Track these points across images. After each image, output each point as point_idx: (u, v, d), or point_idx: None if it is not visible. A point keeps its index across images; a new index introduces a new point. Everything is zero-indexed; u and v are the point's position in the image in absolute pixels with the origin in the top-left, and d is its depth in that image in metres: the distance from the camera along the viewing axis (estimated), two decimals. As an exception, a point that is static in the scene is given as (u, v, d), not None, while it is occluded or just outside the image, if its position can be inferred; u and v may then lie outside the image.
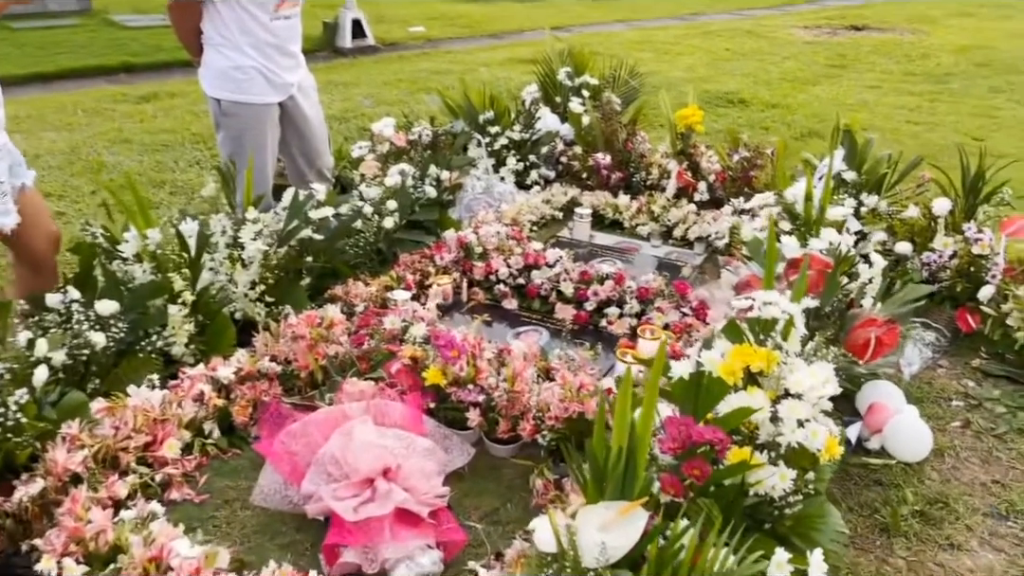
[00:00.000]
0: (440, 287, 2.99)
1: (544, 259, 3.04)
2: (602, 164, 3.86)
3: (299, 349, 2.34)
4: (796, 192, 2.81)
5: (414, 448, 1.94)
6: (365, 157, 3.80)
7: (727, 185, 3.72)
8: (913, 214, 3.10)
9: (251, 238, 2.58)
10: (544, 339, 2.80)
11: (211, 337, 2.49)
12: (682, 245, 3.60)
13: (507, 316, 2.98)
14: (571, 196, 3.89)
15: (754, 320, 1.88)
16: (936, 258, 2.94)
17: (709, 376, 1.66)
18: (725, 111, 6.29)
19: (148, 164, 4.73)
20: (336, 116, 5.69)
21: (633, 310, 2.84)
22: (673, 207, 3.68)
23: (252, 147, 2.90)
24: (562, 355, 2.45)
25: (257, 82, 2.89)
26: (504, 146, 3.98)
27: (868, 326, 2.27)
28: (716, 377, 1.65)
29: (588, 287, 2.91)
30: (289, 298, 2.68)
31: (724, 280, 3.09)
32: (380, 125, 3.82)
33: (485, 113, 4.05)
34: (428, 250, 3.17)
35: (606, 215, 3.78)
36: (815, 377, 1.75)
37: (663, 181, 3.84)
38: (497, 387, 2.16)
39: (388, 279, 2.97)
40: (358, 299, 2.77)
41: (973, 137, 5.60)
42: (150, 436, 2.08)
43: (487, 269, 3.07)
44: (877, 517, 2.07)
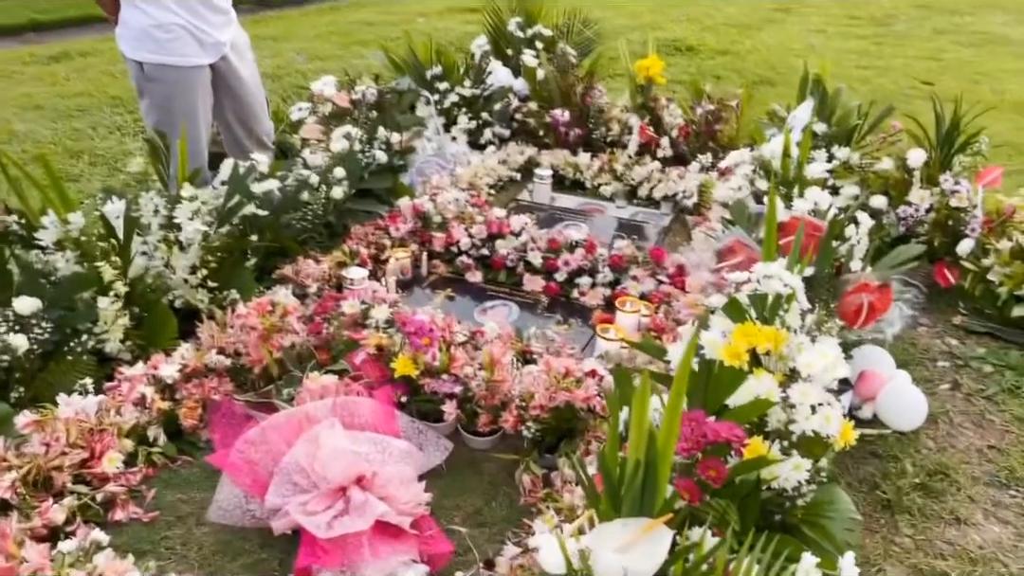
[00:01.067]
0: (398, 261, 2.79)
1: (508, 227, 2.85)
2: (560, 121, 3.66)
3: (251, 342, 2.12)
4: (773, 148, 2.66)
5: (389, 452, 1.76)
6: (306, 120, 3.51)
7: (691, 140, 3.56)
8: (887, 166, 2.99)
9: (188, 218, 2.32)
10: (514, 314, 2.63)
11: (150, 330, 2.25)
12: (648, 205, 3.44)
13: (472, 290, 2.79)
14: (528, 156, 3.69)
15: (757, 296, 1.74)
16: (913, 212, 2.84)
17: (720, 365, 1.51)
18: (674, 60, 6.11)
19: (63, 132, 4.33)
20: (268, 74, 5.33)
21: (606, 279, 2.68)
22: (636, 165, 3.51)
23: (182, 115, 2.61)
24: (538, 334, 2.29)
25: (184, 41, 2.59)
26: (455, 104, 3.74)
27: (860, 291, 2.15)
28: (728, 366, 1.50)
29: (557, 256, 2.74)
30: (235, 282, 2.43)
31: (697, 242, 2.96)
32: (320, 84, 3.53)
33: (432, 68, 3.79)
34: (382, 221, 2.95)
35: (566, 175, 3.60)
36: (825, 357, 1.61)
37: (624, 137, 3.67)
38: (474, 376, 1.98)
39: (341, 254, 2.74)
40: (310, 279, 2.54)
41: (923, 81, 5.56)
42: (87, 450, 1.84)
43: (447, 240, 2.87)
44: (879, 493, 1.98)
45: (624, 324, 2.40)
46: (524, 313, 2.64)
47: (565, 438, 1.96)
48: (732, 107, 3.51)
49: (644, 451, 1.20)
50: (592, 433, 1.91)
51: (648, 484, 1.21)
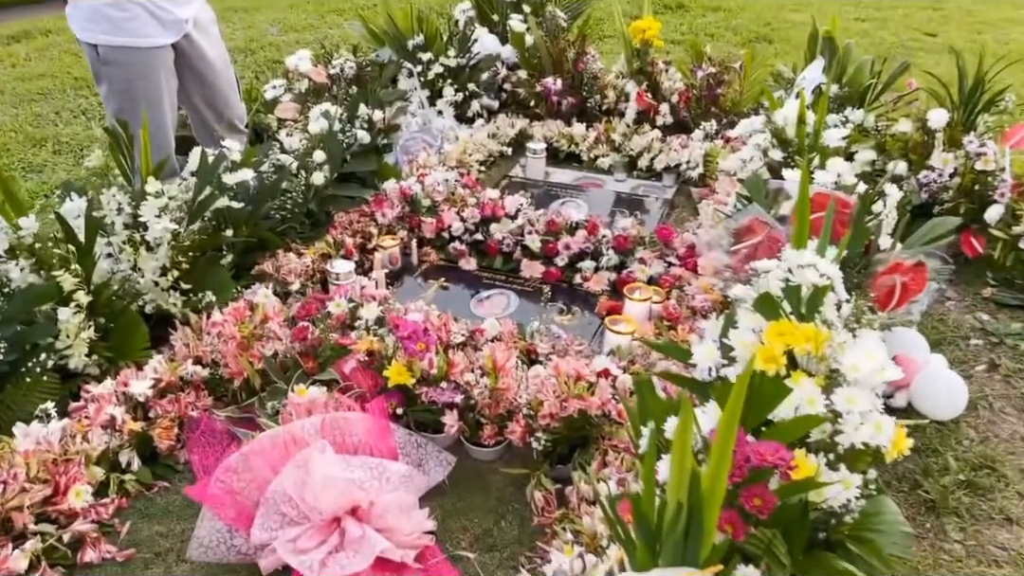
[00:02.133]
0: (386, 250, 2.59)
1: (503, 209, 2.65)
2: (552, 89, 3.44)
3: (228, 352, 1.93)
4: (787, 114, 2.46)
5: (387, 477, 1.58)
6: (281, 98, 3.29)
7: (692, 106, 3.35)
8: (905, 129, 2.79)
9: (155, 216, 2.11)
10: (512, 304, 2.44)
11: (118, 341, 2.05)
12: (649, 177, 3.24)
13: (466, 278, 2.60)
14: (520, 128, 3.47)
15: (791, 289, 1.55)
16: (936, 177, 2.65)
17: (761, 376, 1.33)
18: (664, 18, 5.84)
19: (25, 118, 4.08)
20: (240, 48, 5.07)
21: (611, 262, 2.49)
22: (635, 134, 3.31)
23: (145, 101, 2.38)
24: (542, 330, 2.10)
25: (142, 20, 2.35)
26: (439, 75, 3.51)
27: (893, 272, 1.97)
28: (772, 377, 1.32)
29: (557, 239, 2.55)
30: (210, 282, 2.24)
31: (705, 217, 2.77)
32: (294, 59, 3.30)
33: (414, 38, 3.55)
34: (367, 206, 2.74)
35: (561, 148, 3.39)
36: (872, 358, 1.44)
37: (621, 105, 3.45)
38: (476, 383, 1.79)
39: (324, 246, 2.54)
40: (292, 275, 2.34)
41: (925, 32, 5.35)
42: (50, 484, 1.66)
43: (438, 225, 2.67)
44: (921, 493, 1.82)
45: (633, 313, 2.22)
46: (523, 301, 2.46)
47: (578, 447, 1.78)
48: (735, 69, 3.30)
49: (687, 492, 1.03)
50: (608, 442, 1.74)
51: (693, 529, 1.04)
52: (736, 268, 2.16)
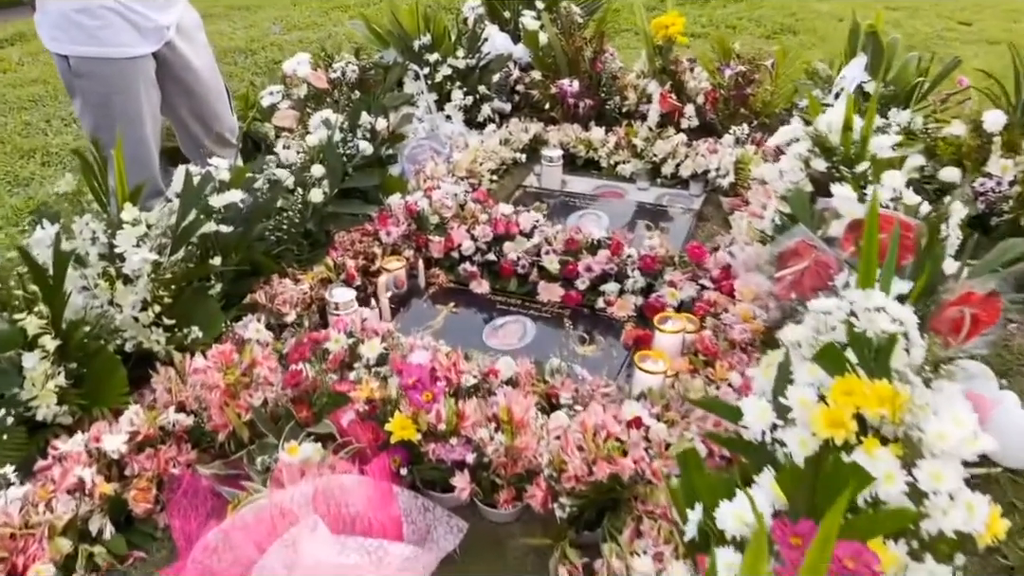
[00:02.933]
0: (390, 273, 2.37)
1: (517, 226, 2.43)
2: (569, 92, 3.20)
3: (212, 403, 1.72)
4: (831, 120, 2.22)
5: (387, 562, 1.36)
6: (279, 105, 3.08)
7: (719, 107, 3.11)
8: (958, 131, 2.55)
9: (133, 245, 1.90)
10: (529, 333, 2.22)
11: (93, 385, 1.84)
12: (674, 184, 3.01)
13: (478, 302, 2.38)
14: (534, 133, 3.24)
15: (858, 338, 1.33)
16: (994, 185, 2.42)
17: (836, 459, 1.10)
18: (684, 9, 5.60)
19: (14, 127, 3.90)
20: (241, 48, 4.86)
21: (637, 285, 2.27)
22: (658, 138, 3.07)
23: (123, 117, 2.17)
24: (563, 369, 1.88)
25: (117, 28, 2.14)
26: (447, 77, 3.29)
27: (963, 303, 1.74)
28: (851, 462, 1.09)
29: (577, 259, 2.32)
30: (197, 315, 2.03)
31: (737, 231, 2.54)
32: (292, 63, 3.09)
33: (420, 38, 3.33)
34: (370, 224, 2.53)
35: (578, 154, 3.16)
36: (961, 424, 1.21)
37: (643, 107, 3.22)
38: (490, 440, 1.58)
39: (324, 269, 2.33)
40: (287, 305, 2.13)
41: (959, 21, 5.07)
42: (5, 565, 1.46)
43: (447, 244, 2.45)
44: (998, 559, 1.59)
45: (664, 346, 2.00)
46: (541, 329, 2.24)
47: (608, 510, 1.56)
48: (766, 67, 3.06)
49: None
50: (642, 506, 1.52)
51: None
52: (780, 295, 1.94)
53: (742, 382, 1.83)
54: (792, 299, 1.90)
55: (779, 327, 1.96)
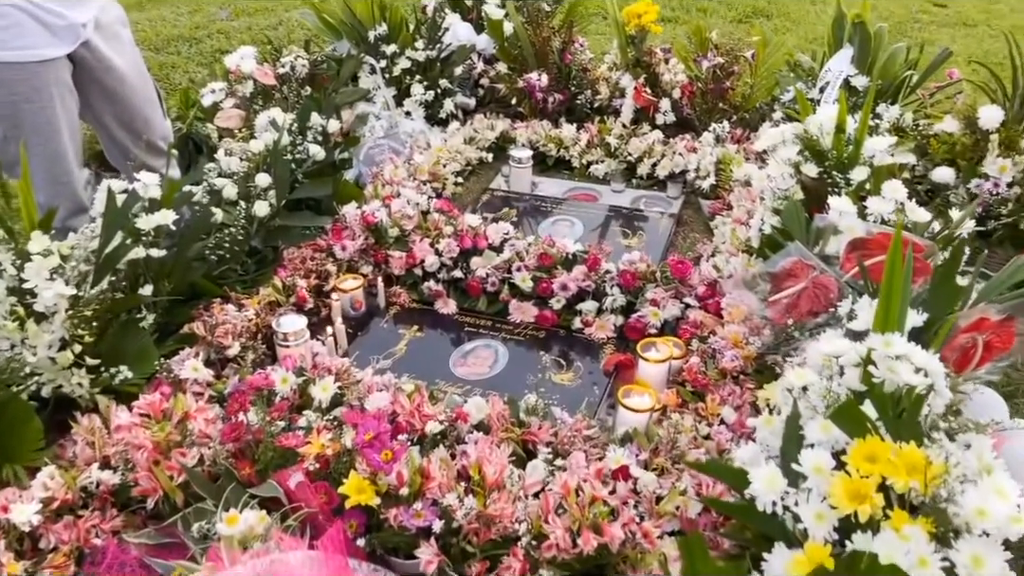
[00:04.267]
0: (347, 294, 2.16)
1: (486, 239, 2.23)
2: (537, 86, 2.99)
3: (140, 464, 1.50)
4: (822, 121, 2.05)
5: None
6: (222, 104, 2.82)
7: (696, 101, 2.93)
8: (951, 128, 2.39)
9: (46, 279, 1.67)
10: (501, 359, 2.03)
11: (2, 440, 1.62)
12: (650, 185, 2.82)
13: (444, 323, 2.18)
14: (501, 130, 3.03)
15: (880, 394, 1.15)
16: (991, 187, 2.27)
17: (871, 559, 0.93)
18: (651, -7, 5.41)
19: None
20: (184, 37, 4.56)
21: (616, 303, 2.08)
22: (632, 136, 2.88)
23: (34, 129, 1.92)
24: (539, 408, 1.69)
25: (24, 28, 1.88)
26: (406, 70, 3.06)
27: (975, 329, 1.58)
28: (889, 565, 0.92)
29: (551, 276, 2.13)
30: (126, 352, 1.81)
31: (719, 236, 2.37)
32: (236, 58, 2.83)
33: (376, 28, 3.09)
34: (323, 239, 2.31)
35: (549, 152, 2.96)
36: (1005, 497, 1.05)
37: (616, 101, 3.03)
38: (460, 505, 1.38)
39: (271, 291, 2.11)
40: (229, 336, 1.91)
41: (935, 3, 4.94)
42: None
43: (409, 260, 2.25)
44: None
45: (649, 376, 1.82)
46: (514, 355, 2.05)
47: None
48: (745, 58, 2.88)
49: None
50: (633, 574, 1.34)
51: None
52: (775, 320, 1.77)
53: (736, 419, 1.66)
54: (788, 324, 1.73)
55: (774, 353, 1.81)
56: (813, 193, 2.01)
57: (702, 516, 1.42)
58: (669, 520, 1.43)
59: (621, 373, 1.96)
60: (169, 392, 1.73)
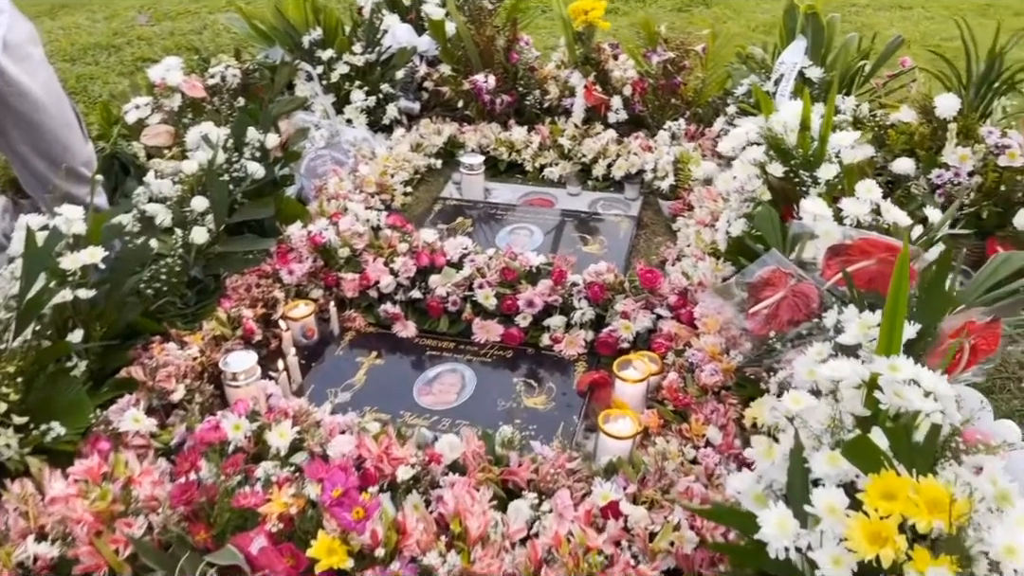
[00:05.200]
0: (297, 322, 2.02)
1: (444, 256, 2.11)
2: (484, 88, 2.88)
3: (79, 539, 1.35)
4: (786, 118, 1.98)
5: None
6: (148, 120, 2.64)
7: (647, 98, 2.85)
8: (908, 117, 2.36)
9: (-41, 332, 1.50)
10: (469, 385, 1.91)
11: (-80, 517, 1.45)
12: (607, 187, 2.74)
13: (404, 347, 2.06)
14: (448, 135, 2.91)
15: (892, 428, 1.08)
16: (952, 177, 2.24)
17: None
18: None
19: None
20: (101, 45, 4.31)
21: (586, 317, 1.99)
22: (585, 136, 2.79)
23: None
24: (515, 439, 1.59)
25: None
26: (345, 76, 2.91)
27: (962, 333, 1.53)
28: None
29: (515, 291, 2.03)
30: (56, 406, 1.64)
31: (683, 238, 2.30)
32: (161, 69, 2.64)
33: (310, 32, 2.93)
34: (268, 263, 2.16)
35: (500, 157, 2.85)
36: (1035, 531, 0.99)
37: (566, 101, 2.93)
38: (442, 562, 1.27)
39: (216, 324, 1.96)
40: (172, 379, 1.76)
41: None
42: None
43: (362, 282, 2.12)
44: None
45: (628, 396, 1.73)
46: (481, 374, 1.94)
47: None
48: (696, 52, 2.81)
49: None
50: (632, 622, 1.25)
51: None
52: (755, 332, 1.69)
53: (723, 441, 1.58)
54: (769, 335, 1.66)
55: (755, 365, 1.74)
56: (781, 193, 1.95)
57: (698, 551, 1.35)
58: (664, 557, 1.35)
59: (596, 392, 1.87)
60: (108, 448, 1.58)
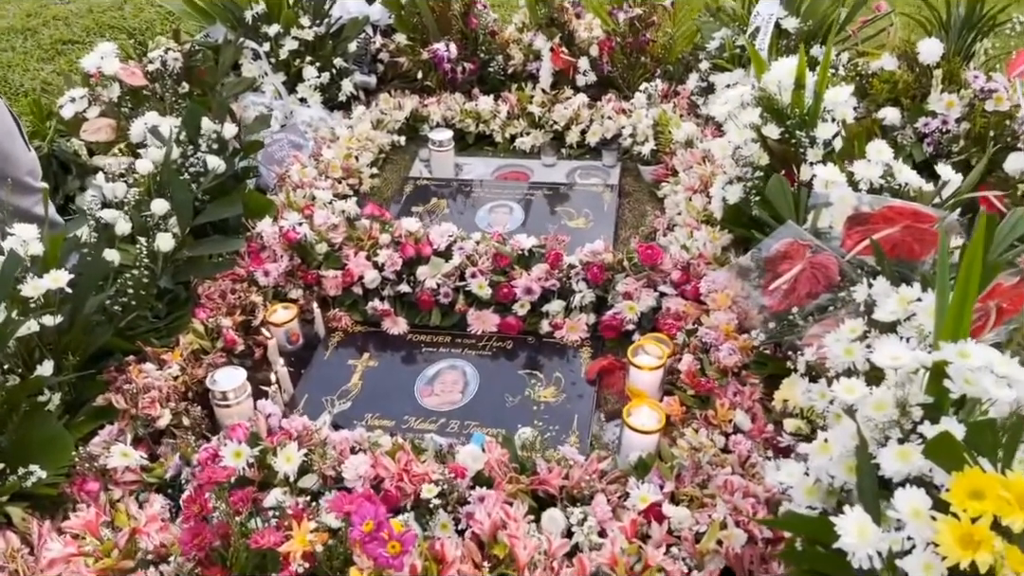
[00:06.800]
0: (280, 327, 1.89)
1: (430, 245, 1.99)
2: (444, 56, 2.72)
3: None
4: (780, 77, 1.90)
5: None
6: (85, 114, 2.42)
7: (616, 57, 2.74)
8: (890, 66, 2.31)
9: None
10: (472, 382, 1.82)
11: None
12: (582, 155, 2.63)
13: (396, 344, 1.95)
14: (410, 109, 2.76)
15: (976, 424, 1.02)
16: (939, 125, 2.20)
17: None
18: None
19: None
20: (16, 29, 3.98)
21: (586, 300, 1.90)
22: (555, 102, 2.68)
23: None
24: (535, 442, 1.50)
25: None
26: (294, 52, 2.72)
27: (990, 297, 1.49)
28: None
29: (509, 278, 1.93)
30: (33, 447, 1.49)
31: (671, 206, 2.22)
32: (94, 59, 2.42)
33: (252, 7, 2.72)
34: (241, 265, 2.02)
35: (467, 129, 2.71)
36: None
37: (531, 66, 2.80)
38: (489, 590, 1.19)
39: (193, 337, 1.82)
40: (156, 405, 1.62)
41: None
42: None
43: (345, 279, 1.99)
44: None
45: (644, 384, 1.66)
46: (483, 369, 1.85)
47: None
48: (664, 6, 2.70)
49: None
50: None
51: None
52: (774, 308, 1.63)
53: (753, 426, 1.53)
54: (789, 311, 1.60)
55: (777, 342, 1.68)
56: (780, 157, 1.88)
57: (747, 548, 1.29)
58: (712, 558, 1.30)
59: (606, 379, 1.79)
60: (97, 490, 1.45)
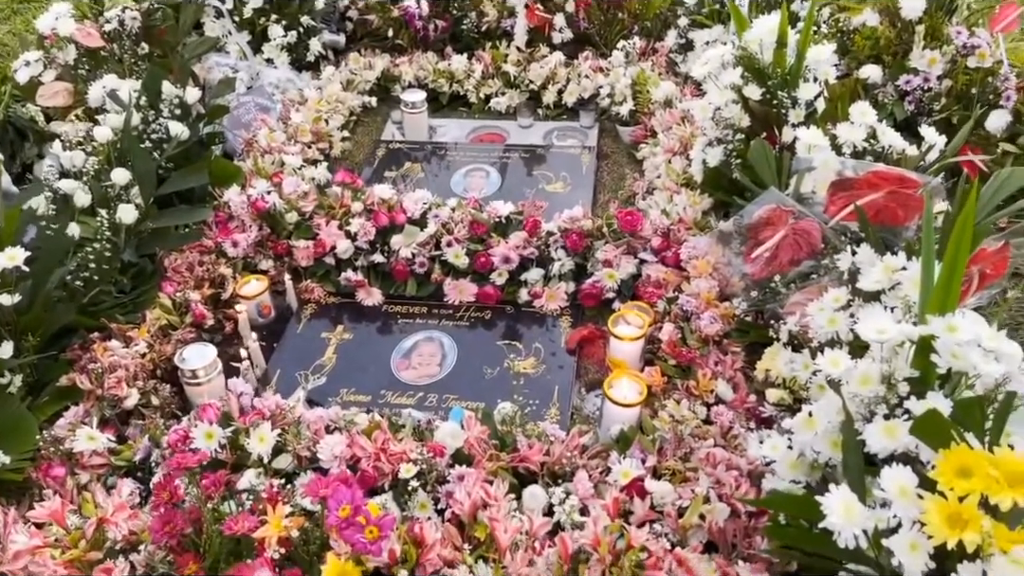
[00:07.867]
0: (251, 300, 1.84)
1: (404, 213, 1.93)
2: (416, 14, 2.63)
3: (50, 595, 1.19)
4: (761, 35, 1.84)
5: None
6: (41, 78, 2.32)
7: (592, 13, 2.66)
8: (872, 21, 2.26)
9: None
10: (450, 353, 1.78)
11: None
12: (559, 115, 2.57)
13: (370, 315, 1.90)
14: (381, 69, 2.67)
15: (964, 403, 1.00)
16: (921, 82, 2.16)
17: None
18: None
19: None
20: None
21: (565, 268, 1.86)
22: (531, 60, 2.60)
23: None
24: (516, 416, 1.48)
25: None
26: (258, 10, 2.62)
27: (973, 263, 1.47)
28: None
29: (485, 246, 1.88)
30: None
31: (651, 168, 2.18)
32: (49, 19, 2.31)
33: (213, -38, 2.61)
34: (208, 236, 1.95)
35: (440, 89, 2.64)
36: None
37: (505, 23, 2.71)
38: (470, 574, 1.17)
39: (160, 312, 1.76)
40: (123, 384, 1.57)
41: None
42: None
43: (317, 249, 1.93)
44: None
45: (625, 354, 1.63)
46: (461, 340, 1.81)
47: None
48: (640, -40, 2.62)
49: None
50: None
51: None
52: (756, 276, 1.60)
53: (735, 396, 1.51)
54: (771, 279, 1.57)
55: (759, 310, 1.65)
56: (762, 119, 1.83)
57: (730, 522, 1.28)
58: (695, 533, 1.28)
59: (586, 348, 1.77)
60: (63, 475, 1.41)
